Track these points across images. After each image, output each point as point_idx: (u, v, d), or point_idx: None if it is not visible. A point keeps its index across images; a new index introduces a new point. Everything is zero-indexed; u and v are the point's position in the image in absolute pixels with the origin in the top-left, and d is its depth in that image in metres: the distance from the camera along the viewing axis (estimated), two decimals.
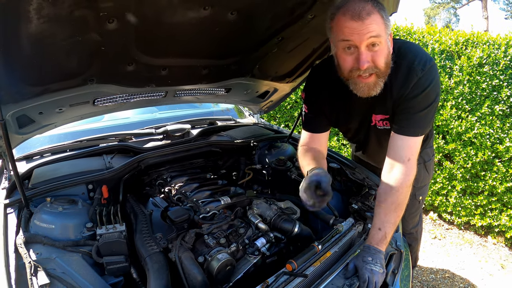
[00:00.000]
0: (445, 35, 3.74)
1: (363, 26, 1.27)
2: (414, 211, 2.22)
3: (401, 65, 1.46)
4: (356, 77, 1.39)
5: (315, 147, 1.71)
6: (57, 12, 1.09)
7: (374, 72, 1.37)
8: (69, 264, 1.29)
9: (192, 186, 1.82)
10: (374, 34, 1.28)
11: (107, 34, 1.29)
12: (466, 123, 3.66)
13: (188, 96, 2.17)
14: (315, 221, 1.87)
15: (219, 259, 1.27)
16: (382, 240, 1.44)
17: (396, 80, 1.47)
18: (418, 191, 2.15)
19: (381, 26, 1.30)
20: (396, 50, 1.48)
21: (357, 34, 1.28)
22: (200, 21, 1.41)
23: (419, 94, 1.45)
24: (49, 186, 1.63)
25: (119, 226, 1.41)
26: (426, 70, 1.43)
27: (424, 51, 1.50)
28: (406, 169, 1.49)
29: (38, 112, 1.65)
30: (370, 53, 1.33)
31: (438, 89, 1.50)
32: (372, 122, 1.67)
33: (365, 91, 1.43)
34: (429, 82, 1.44)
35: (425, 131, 1.53)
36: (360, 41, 1.30)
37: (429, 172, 2.17)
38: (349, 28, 1.29)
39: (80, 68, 1.47)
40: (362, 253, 1.42)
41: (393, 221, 1.47)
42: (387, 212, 1.47)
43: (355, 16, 1.27)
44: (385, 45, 1.34)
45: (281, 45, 1.89)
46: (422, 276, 3.31)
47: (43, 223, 1.42)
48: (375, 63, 1.35)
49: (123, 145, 2.04)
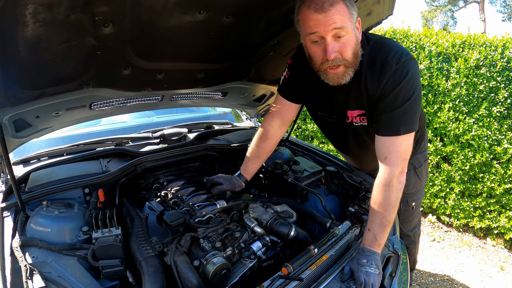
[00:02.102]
0: (442, 38, 3.75)
1: (327, 17, 1.29)
2: (408, 216, 2.21)
3: (376, 59, 1.46)
4: (326, 68, 1.44)
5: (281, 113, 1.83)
6: (53, 16, 1.10)
7: (342, 64, 1.41)
8: (65, 268, 1.29)
9: (189, 190, 1.82)
10: (338, 26, 1.31)
11: (103, 38, 1.30)
12: (464, 125, 3.66)
13: (184, 100, 2.17)
14: (312, 225, 1.86)
15: (214, 263, 1.26)
16: (374, 241, 1.43)
17: (372, 75, 1.48)
18: (410, 197, 2.13)
19: (345, 15, 1.32)
20: (372, 44, 1.49)
21: (322, 26, 1.31)
22: (196, 25, 1.42)
23: (394, 89, 1.43)
24: (46, 189, 1.63)
25: (115, 229, 1.41)
26: (401, 63, 1.41)
27: (401, 47, 1.49)
28: (383, 168, 1.48)
29: (35, 116, 1.65)
30: (336, 44, 1.36)
31: (416, 83, 1.45)
32: (348, 118, 1.68)
33: (335, 80, 1.47)
34: (403, 76, 1.41)
35: (410, 128, 1.46)
36: (325, 32, 1.32)
37: (421, 178, 2.15)
38: (313, 20, 1.32)
39: (76, 72, 1.47)
40: (357, 255, 1.42)
41: (378, 221, 1.44)
42: (372, 212, 1.47)
43: (318, 8, 1.29)
44: (351, 34, 1.36)
45: (277, 48, 1.90)
46: (421, 279, 3.31)
47: (39, 226, 1.42)
48: (342, 54, 1.38)
49: (120, 149, 2.04)
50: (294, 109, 1.86)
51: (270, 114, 1.87)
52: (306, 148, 2.47)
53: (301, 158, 2.27)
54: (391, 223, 1.47)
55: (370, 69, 1.47)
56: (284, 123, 1.89)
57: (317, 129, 4.52)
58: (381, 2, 1.77)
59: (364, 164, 2.10)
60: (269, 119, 1.86)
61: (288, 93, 1.80)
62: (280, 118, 1.85)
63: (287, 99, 1.81)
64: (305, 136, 4.68)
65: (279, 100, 1.84)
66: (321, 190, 2.03)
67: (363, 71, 1.50)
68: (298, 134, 4.71)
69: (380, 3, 1.77)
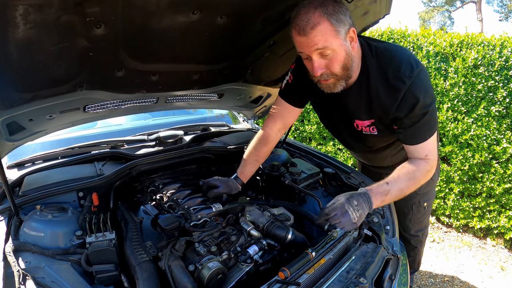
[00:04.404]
0: (439, 37, 3.75)
1: (308, 40, 1.33)
2: (420, 217, 2.24)
3: (387, 73, 1.46)
4: (319, 80, 1.48)
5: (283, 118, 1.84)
6: (43, 17, 1.08)
7: (331, 77, 1.45)
8: (58, 273, 1.26)
9: (184, 193, 1.80)
10: (320, 47, 1.34)
11: (95, 40, 1.28)
12: (463, 125, 3.65)
13: (180, 102, 2.16)
14: (310, 227, 1.84)
15: (210, 267, 1.24)
16: (383, 194, 1.48)
17: (385, 89, 1.48)
18: (422, 198, 2.15)
19: (328, 34, 1.33)
20: (380, 55, 1.49)
21: (305, 47, 1.37)
22: (189, 25, 1.40)
23: (414, 106, 1.45)
24: (40, 193, 1.61)
25: (108, 234, 1.39)
26: (414, 76, 1.42)
27: (410, 55, 1.49)
28: (425, 160, 1.57)
29: (28, 119, 1.63)
30: (323, 61, 1.40)
31: (431, 91, 1.49)
32: (358, 127, 1.70)
33: (328, 89, 1.52)
34: (419, 89, 1.43)
35: (432, 132, 1.56)
36: (310, 53, 1.38)
37: (433, 178, 2.14)
38: (298, 42, 1.38)
39: (69, 74, 1.45)
40: (354, 194, 1.46)
41: (401, 185, 1.51)
42: (401, 175, 1.53)
43: (300, 31, 1.33)
44: (339, 51, 1.38)
45: (273, 49, 1.89)
46: (421, 281, 3.28)
47: (32, 231, 1.40)
48: (330, 69, 1.42)
49: (115, 152, 2.02)
50: (296, 113, 1.86)
51: (271, 118, 1.86)
52: (303, 149, 2.45)
53: (298, 160, 2.25)
54: (405, 194, 1.56)
55: (382, 82, 1.49)
56: (285, 127, 1.90)
57: (315, 131, 4.50)
58: (378, 1, 1.76)
59: (372, 161, 2.13)
60: (270, 124, 1.85)
61: (291, 97, 1.79)
62: (282, 122, 1.85)
63: (290, 104, 1.80)
64: (303, 138, 4.66)
65: (281, 104, 1.82)
66: (319, 192, 2.01)
67: (372, 82, 1.50)
68: (296, 136, 4.69)
69: (377, 2, 1.76)
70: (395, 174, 1.56)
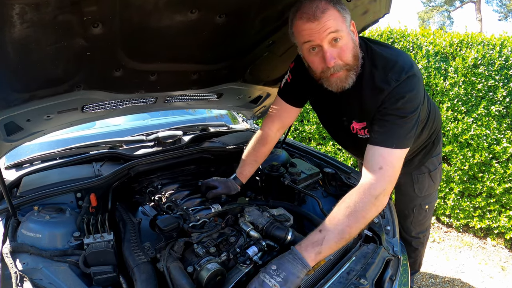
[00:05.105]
0: (439, 37, 3.73)
1: (320, 25, 1.28)
2: (421, 219, 2.23)
3: (375, 76, 1.43)
4: (329, 76, 1.40)
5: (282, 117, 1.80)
6: (40, 16, 1.07)
7: (343, 69, 1.38)
8: (56, 274, 1.26)
9: (183, 194, 1.79)
10: (332, 30, 1.29)
11: (93, 39, 1.27)
12: (463, 124, 3.64)
13: (178, 102, 2.14)
14: (309, 228, 1.83)
15: (208, 269, 1.23)
16: (316, 244, 1.21)
17: (370, 91, 1.44)
18: (423, 200, 2.14)
19: (338, 19, 1.30)
20: (374, 56, 1.45)
21: (316, 33, 1.30)
22: (188, 25, 1.39)
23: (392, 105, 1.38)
24: (37, 194, 1.61)
25: (106, 235, 1.38)
26: (402, 80, 1.37)
27: (405, 59, 1.42)
28: (375, 177, 1.31)
29: (25, 119, 1.62)
30: (335, 50, 1.33)
31: (416, 103, 1.39)
32: (353, 130, 1.67)
33: (338, 84, 1.43)
34: (403, 93, 1.36)
35: (401, 144, 1.36)
36: (321, 40, 1.31)
37: (435, 181, 2.15)
38: (307, 30, 1.31)
39: (66, 74, 1.44)
40: (276, 258, 1.24)
41: (340, 227, 1.22)
42: (338, 213, 1.26)
43: (310, 17, 1.28)
44: (347, 38, 1.34)
45: (272, 48, 1.87)
46: (422, 281, 3.27)
47: (30, 232, 1.39)
48: (341, 58, 1.35)
49: (113, 153, 2.01)
50: (295, 113, 1.83)
51: (270, 118, 1.84)
52: (303, 149, 2.44)
53: (298, 160, 2.24)
54: (349, 239, 1.26)
55: (370, 85, 1.45)
56: (284, 127, 1.87)
57: (314, 131, 4.49)
58: (378, 0, 1.75)
59: None
60: (269, 123, 1.83)
61: (290, 97, 1.77)
62: (281, 122, 1.83)
63: (289, 103, 1.77)
64: (303, 138, 4.65)
65: (279, 103, 1.80)
66: (319, 192, 2.00)
67: (364, 85, 1.46)
68: (296, 136, 4.68)
69: (377, 1, 1.75)
70: (332, 213, 1.28)
